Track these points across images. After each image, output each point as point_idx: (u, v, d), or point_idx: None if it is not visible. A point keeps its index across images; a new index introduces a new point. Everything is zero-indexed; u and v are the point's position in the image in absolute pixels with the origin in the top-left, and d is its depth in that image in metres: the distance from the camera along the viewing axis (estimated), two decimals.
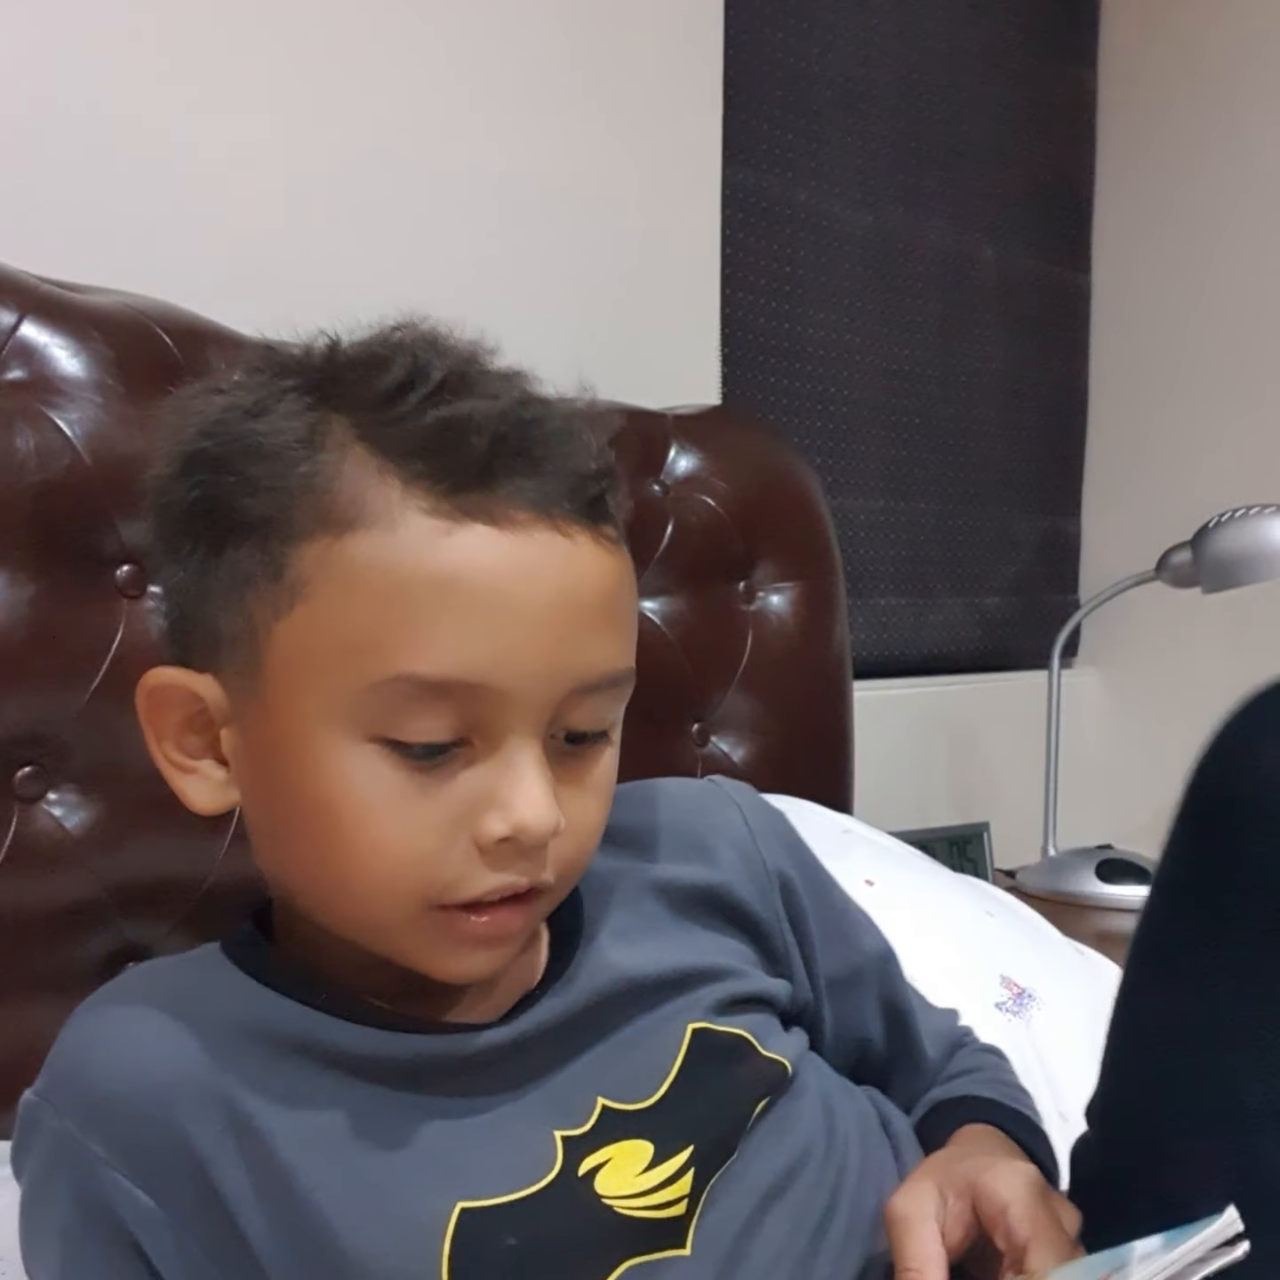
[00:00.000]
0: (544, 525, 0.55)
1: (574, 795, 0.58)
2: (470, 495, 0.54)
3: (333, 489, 0.54)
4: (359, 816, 0.55)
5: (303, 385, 0.57)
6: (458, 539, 0.54)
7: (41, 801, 0.87)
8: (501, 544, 0.54)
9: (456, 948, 0.57)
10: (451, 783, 0.55)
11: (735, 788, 0.74)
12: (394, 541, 0.54)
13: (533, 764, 0.55)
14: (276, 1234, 0.54)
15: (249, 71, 1.19)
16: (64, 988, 0.86)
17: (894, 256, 1.89)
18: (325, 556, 0.54)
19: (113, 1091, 0.56)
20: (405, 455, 0.54)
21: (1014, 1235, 0.56)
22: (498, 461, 0.55)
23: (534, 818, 0.54)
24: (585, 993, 0.62)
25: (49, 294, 0.91)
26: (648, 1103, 0.60)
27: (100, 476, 0.88)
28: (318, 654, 0.55)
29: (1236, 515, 1.60)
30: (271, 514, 0.55)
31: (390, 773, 0.54)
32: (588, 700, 0.57)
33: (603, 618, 0.57)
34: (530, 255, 1.41)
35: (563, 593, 0.55)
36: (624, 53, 1.50)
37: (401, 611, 0.53)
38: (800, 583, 1.40)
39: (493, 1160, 0.57)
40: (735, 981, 0.66)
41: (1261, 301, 2.04)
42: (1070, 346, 2.22)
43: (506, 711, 0.55)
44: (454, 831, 0.55)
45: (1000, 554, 2.10)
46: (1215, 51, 2.08)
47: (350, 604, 0.54)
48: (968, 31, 1.98)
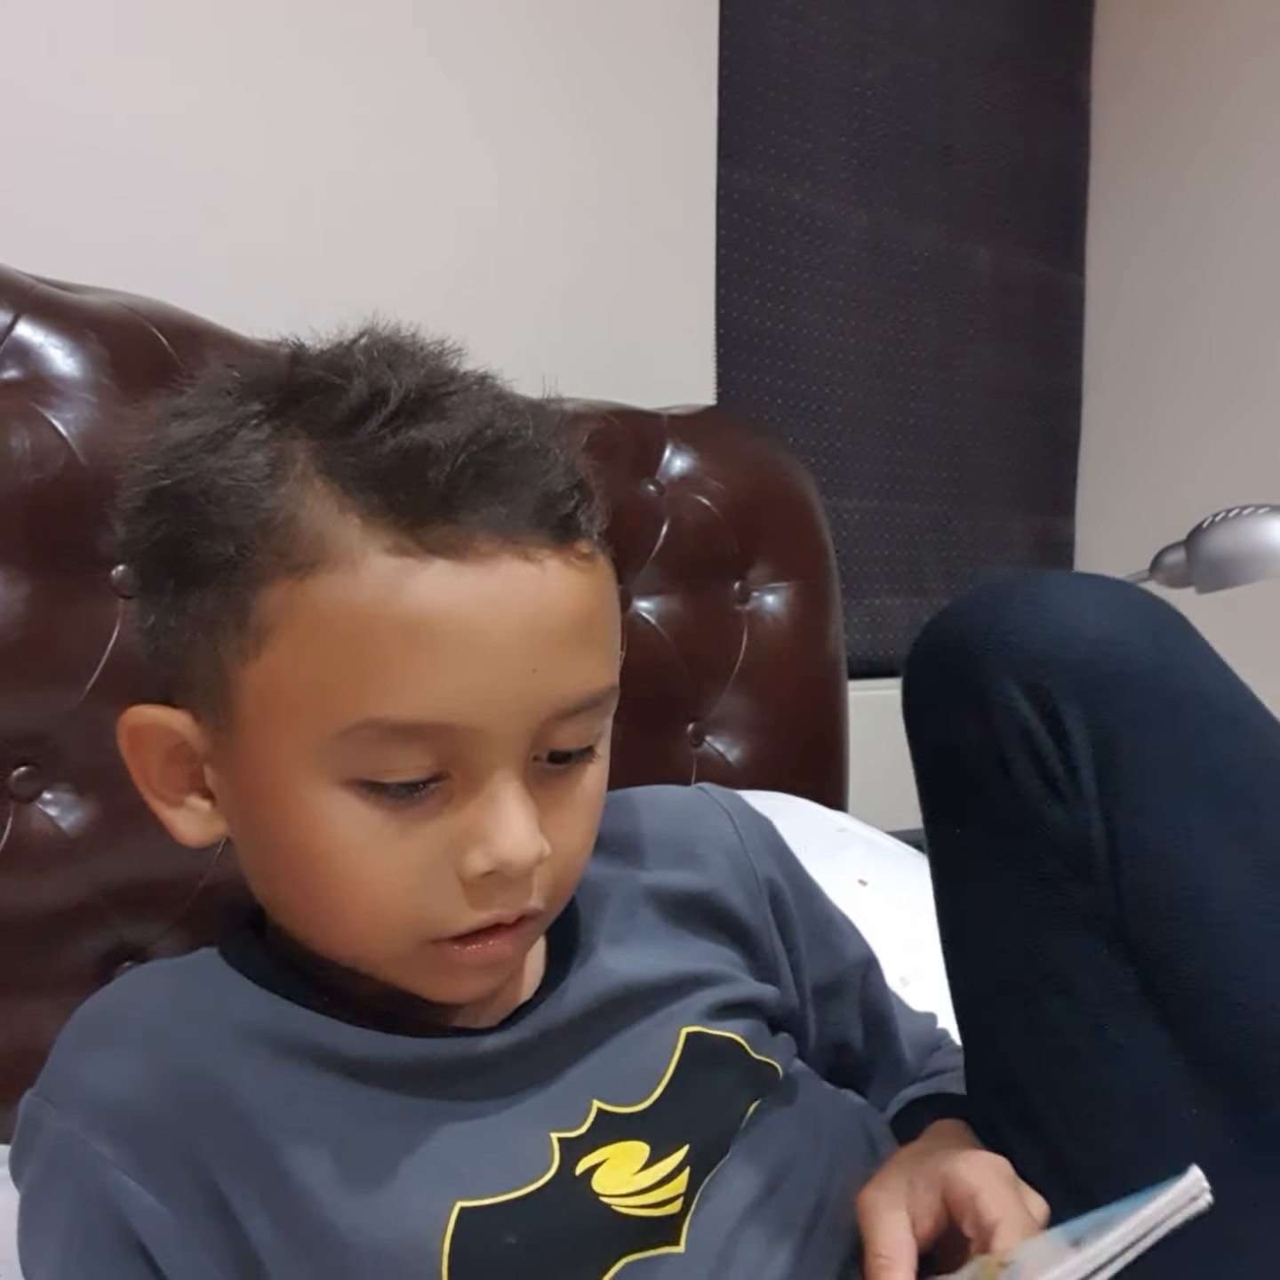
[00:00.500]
0: (509, 554, 0.54)
1: (559, 816, 0.57)
2: (432, 529, 0.53)
3: (293, 529, 0.53)
4: (341, 859, 0.54)
5: (264, 411, 0.56)
6: (421, 578, 0.52)
7: (36, 801, 0.87)
8: (466, 579, 0.53)
9: (451, 976, 0.57)
10: (432, 820, 0.55)
11: (724, 795, 0.74)
12: (356, 583, 0.52)
13: (512, 796, 0.54)
14: (278, 1233, 0.54)
15: (246, 74, 1.19)
16: (59, 988, 0.86)
17: (889, 257, 1.90)
18: (289, 601, 0.53)
19: (116, 1091, 0.56)
20: (365, 489, 0.53)
21: (981, 1219, 0.56)
22: (459, 491, 0.53)
23: (515, 850, 0.54)
24: (582, 999, 0.62)
25: (44, 294, 0.91)
26: (643, 1105, 0.61)
27: (96, 476, 0.88)
28: (287, 699, 0.54)
29: (1230, 515, 1.61)
30: (233, 557, 0.54)
31: (369, 814, 0.54)
32: (569, 723, 0.56)
33: (576, 640, 0.56)
34: (526, 256, 1.41)
35: (532, 623, 0.54)
36: (619, 54, 1.50)
37: (368, 655, 0.52)
38: (795, 583, 1.40)
39: (490, 1161, 0.57)
40: (727, 987, 0.67)
41: (1255, 302, 2.05)
42: (1064, 347, 2.22)
43: (482, 747, 0.54)
44: (437, 868, 0.55)
45: (995, 554, 2.10)
46: (1209, 52, 2.09)
47: (316, 648, 0.53)
48: (961, 32, 1.99)
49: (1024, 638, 0.62)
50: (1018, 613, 0.63)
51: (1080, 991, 0.61)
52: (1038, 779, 0.62)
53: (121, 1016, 0.59)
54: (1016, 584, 0.65)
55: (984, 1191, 0.57)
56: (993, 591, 0.66)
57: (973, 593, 0.67)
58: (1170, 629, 0.64)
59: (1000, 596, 0.65)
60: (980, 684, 0.63)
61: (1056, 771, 0.61)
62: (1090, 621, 0.62)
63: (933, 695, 0.67)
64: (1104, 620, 0.63)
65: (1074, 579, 0.67)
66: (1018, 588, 0.65)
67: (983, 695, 0.63)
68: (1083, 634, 0.62)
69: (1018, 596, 0.64)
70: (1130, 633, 0.63)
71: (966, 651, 0.64)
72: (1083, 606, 0.63)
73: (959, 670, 0.64)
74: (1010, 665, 0.62)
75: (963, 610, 0.66)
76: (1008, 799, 0.63)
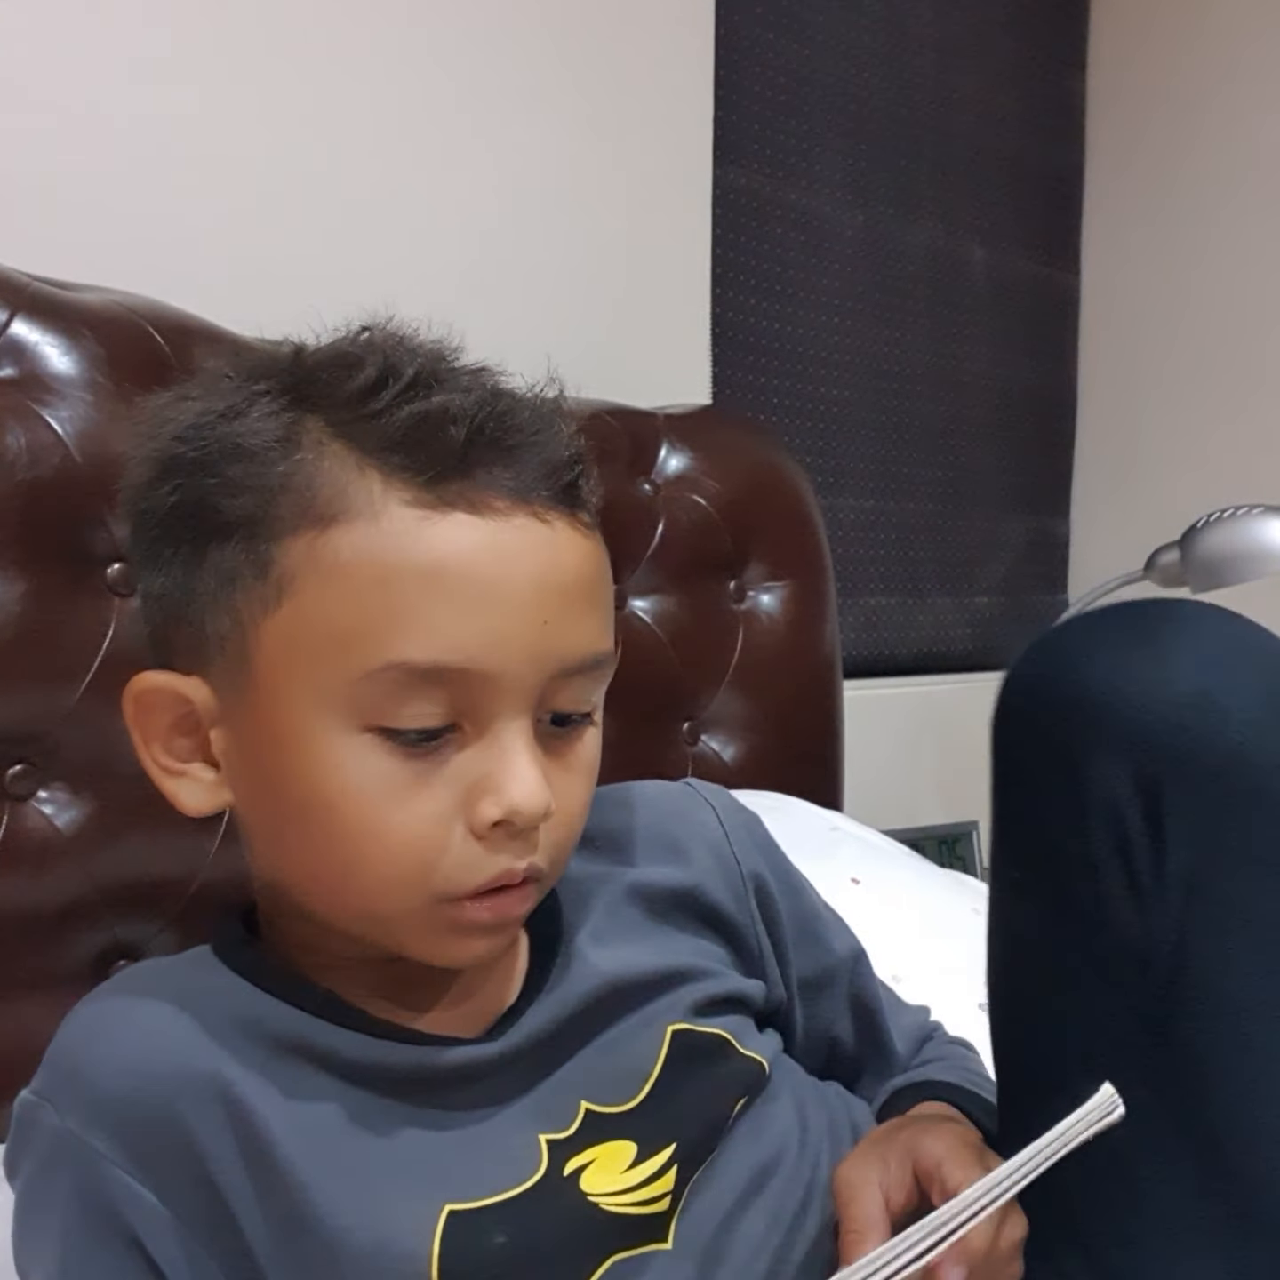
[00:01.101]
0: (523, 512, 0.56)
1: (561, 777, 0.58)
2: (450, 485, 0.55)
3: (314, 485, 0.55)
4: (357, 807, 0.55)
5: (275, 389, 0.58)
6: (440, 528, 0.55)
7: (32, 800, 0.87)
8: (483, 531, 0.55)
9: (459, 936, 0.58)
10: (445, 768, 0.56)
11: (710, 790, 0.74)
12: (378, 532, 0.54)
13: (523, 747, 0.56)
14: (273, 1231, 0.55)
15: (243, 73, 1.19)
16: (55, 987, 0.86)
17: (884, 257, 1.90)
18: (310, 551, 0.55)
19: (114, 1088, 0.56)
20: (383, 449, 0.55)
21: (947, 1184, 0.57)
22: (475, 451, 0.56)
23: (526, 799, 0.55)
24: (568, 1001, 0.63)
25: (40, 292, 0.91)
26: (630, 1105, 0.61)
27: (91, 474, 0.88)
28: (308, 648, 0.55)
29: (1225, 515, 1.61)
30: (254, 512, 0.56)
31: (385, 762, 0.55)
32: (572, 682, 0.58)
33: (583, 600, 0.58)
34: (522, 256, 1.41)
35: (544, 577, 0.56)
36: (615, 54, 1.50)
37: (389, 600, 0.54)
38: (790, 582, 1.40)
39: (479, 1165, 0.57)
40: (713, 982, 0.67)
41: (1249, 302, 2.05)
42: (1059, 347, 2.23)
43: (495, 695, 0.55)
44: (450, 817, 0.56)
45: (989, 554, 2.10)
46: (1203, 55, 2.09)
47: (338, 596, 0.54)
48: (957, 33, 1.99)
49: (1140, 711, 0.56)
50: (1138, 675, 0.56)
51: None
52: (1122, 877, 0.58)
53: (118, 1014, 0.59)
54: (1140, 632, 0.58)
55: (948, 1160, 0.58)
56: (1111, 638, 0.59)
57: (1088, 627, 0.59)
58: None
59: (1119, 648, 0.58)
60: (1077, 759, 0.58)
61: (1143, 879, 0.58)
62: (1230, 708, 0.55)
63: (1021, 748, 0.62)
64: (1248, 706, 0.55)
65: (1218, 630, 0.58)
66: (1142, 638, 0.58)
67: (1078, 772, 0.58)
68: (1216, 723, 0.55)
69: (1139, 652, 0.57)
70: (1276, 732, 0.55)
71: (1064, 715, 0.58)
72: (1223, 680, 0.56)
73: (1053, 736, 0.59)
74: (1117, 741, 0.57)
75: (1070, 653, 0.59)
76: (1085, 884, 0.59)
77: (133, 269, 1.01)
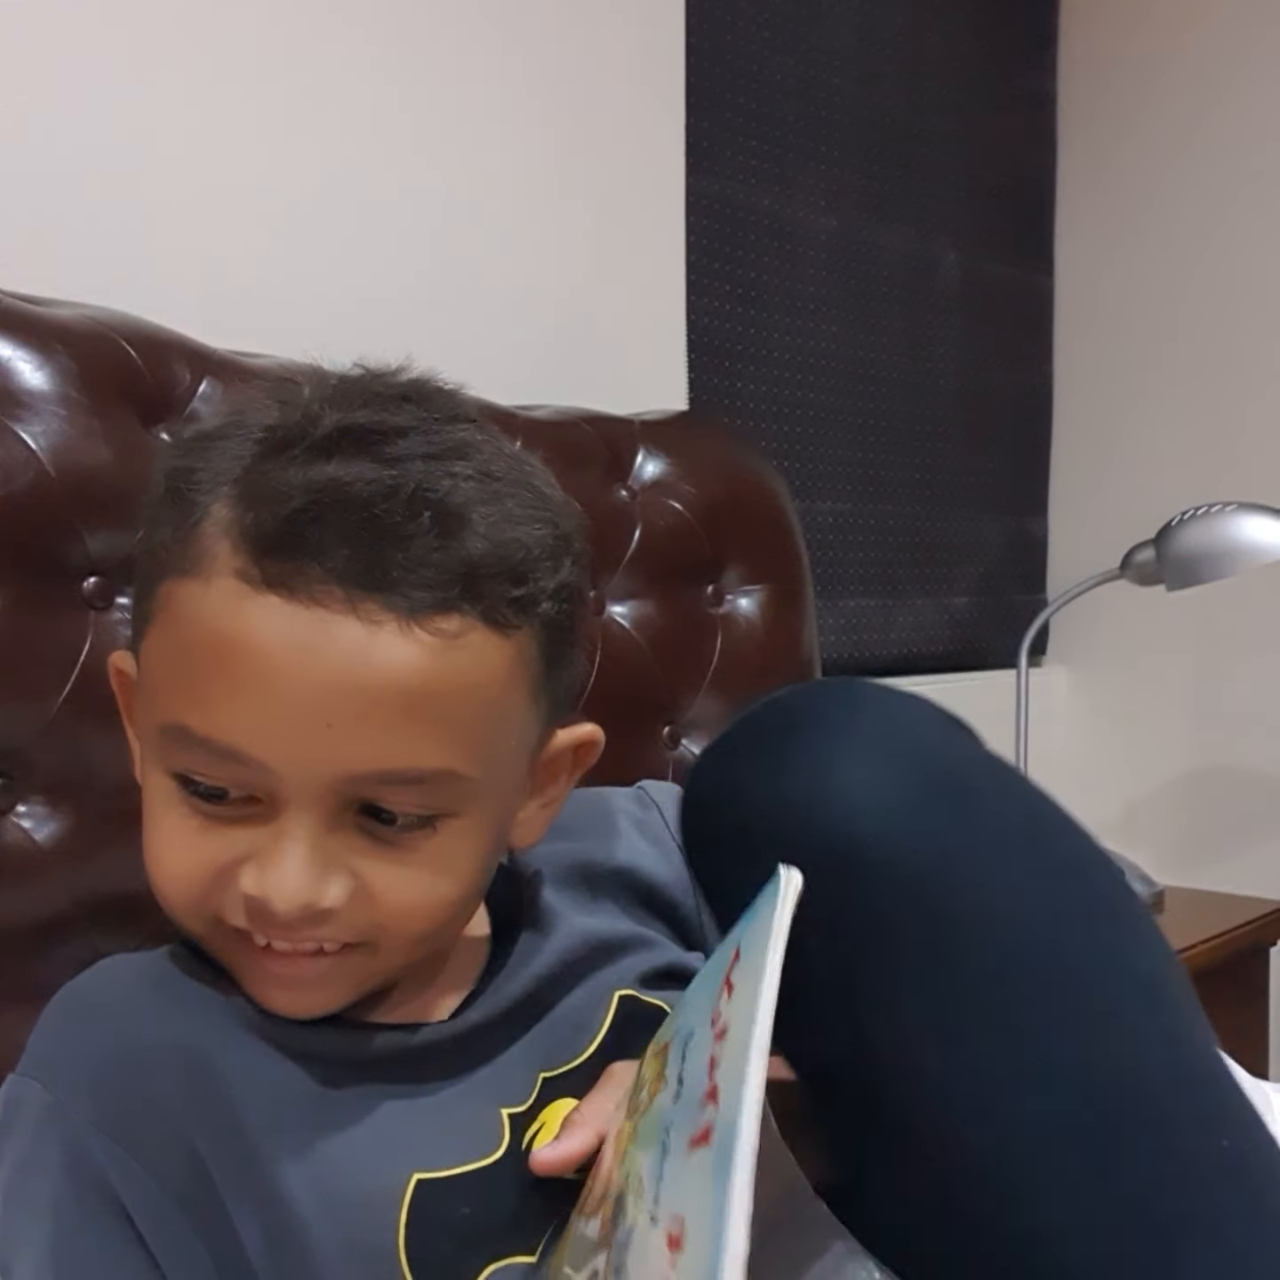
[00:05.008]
0: (342, 607, 0.53)
1: (388, 869, 0.57)
2: (281, 562, 0.54)
3: (195, 534, 0.57)
4: (154, 836, 0.59)
5: (256, 429, 0.60)
6: (247, 607, 0.54)
7: (10, 814, 0.87)
8: (288, 619, 0.53)
9: (262, 983, 0.60)
10: (231, 830, 0.57)
11: (658, 789, 0.77)
12: (203, 596, 0.55)
13: (297, 839, 0.55)
14: (248, 1204, 0.56)
15: (212, 87, 1.19)
16: (36, 1000, 0.85)
17: (858, 261, 1.91)
18: (166, 597, 0.57)
19: (100, 1061, 0.58)
20: (254, 509, 0.55)
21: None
22: (316, 531, 0.53)
23: (276, 890, 0.55)
24: (522, 979, 0.65)
25: (11, 307, 0.91)
26: (576, 1062, 0.63)
27: (65, 489, 0.88)
28: (144, 684, 0.59)
29: (1199, 513, 1.62)
30: (155, 549, 0.59)
31: (179, 806, 0.58)
32: (389, 789, 0.56)
33: (395, 712, 0.54)
34: (496, 263, 1.41)
35: (338, 680, 0.53)
36: (587, 60, 1.50)
37: (189, 665, 0.56)
38: (768, 585, 1.41)
39: (444, 1137, 0.59)
40: (657, 952, 0.70)
41: (1223, 303, 2.07)
42: (1034, 348, 2.24)
43: (277, 784, 0.55)
44: (226, 873, 0.57)
45: (968, 554, 2.11)
46: (1175, 56, 2.11)
47: (160, 647, 0.58)
48: (927, 37, 2.00)
49: (790, 819, 0.55)
50: (800, 786, 0.55)
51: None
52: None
53: (99, 994, 0.62)
54: (792, 741, 0.57)
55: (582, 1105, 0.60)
56: (767, 745, 0.58)
57: (752, 728, 0.59)
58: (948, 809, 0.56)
59: (775, 755, 0.57)
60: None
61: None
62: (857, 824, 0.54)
63: (709, 867, 0.63)
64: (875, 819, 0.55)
65: (862, 746, 0.57)
66: (763, 748, 0.58)
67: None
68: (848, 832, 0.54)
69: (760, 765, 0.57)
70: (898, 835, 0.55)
71: (738, 810, 0.58)
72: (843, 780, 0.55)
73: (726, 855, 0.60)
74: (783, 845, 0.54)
75: (737, 755, 0.60)
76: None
77: (105, 283, 1.01)
